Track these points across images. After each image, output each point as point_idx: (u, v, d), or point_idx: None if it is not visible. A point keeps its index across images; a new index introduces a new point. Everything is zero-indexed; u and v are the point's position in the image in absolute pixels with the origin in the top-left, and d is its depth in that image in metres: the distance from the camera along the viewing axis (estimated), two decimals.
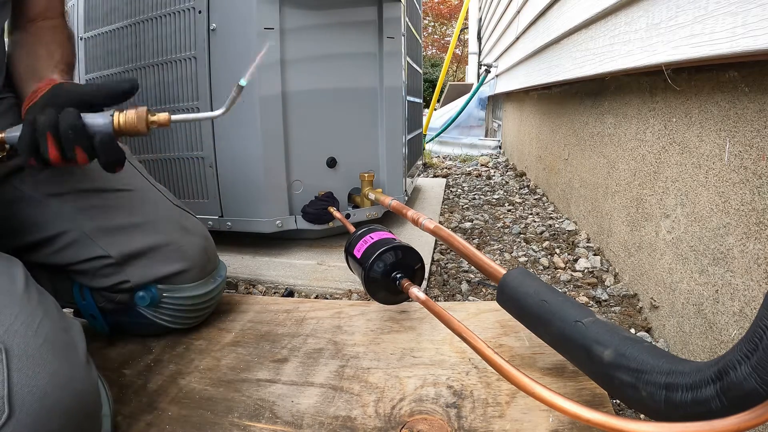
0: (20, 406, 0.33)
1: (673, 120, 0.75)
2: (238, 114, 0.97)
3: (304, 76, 0.99)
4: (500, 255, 1.15)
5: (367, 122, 1.10)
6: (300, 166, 1.03)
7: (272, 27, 0.94)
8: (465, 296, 0.94)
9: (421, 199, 1.65)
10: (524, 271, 0.51)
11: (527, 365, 0.60)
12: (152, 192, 0.69)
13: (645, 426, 0.30)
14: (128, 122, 0.50)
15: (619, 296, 0.89)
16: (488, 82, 3.29)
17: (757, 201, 0.54)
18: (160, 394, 0.57)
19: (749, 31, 0.49)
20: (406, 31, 1.20)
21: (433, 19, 10.47)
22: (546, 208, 1.57)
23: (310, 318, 0.75)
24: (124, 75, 1.07)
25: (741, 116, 0.57)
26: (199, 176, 1.03)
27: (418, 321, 0.72)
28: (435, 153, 3.19)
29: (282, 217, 1.03)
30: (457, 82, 6.66)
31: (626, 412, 0.58)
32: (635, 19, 0.82)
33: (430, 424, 0.50)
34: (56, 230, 0.61)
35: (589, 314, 0.42)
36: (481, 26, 4.53)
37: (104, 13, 1.08)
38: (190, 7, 0.95)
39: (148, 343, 0.68)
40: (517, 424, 0.50)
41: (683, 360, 0.34)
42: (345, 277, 0.95)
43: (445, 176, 2.25)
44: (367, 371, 0.60)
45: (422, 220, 0.73)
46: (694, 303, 0.66)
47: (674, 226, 0.74)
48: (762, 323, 0.27)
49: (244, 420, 0.52)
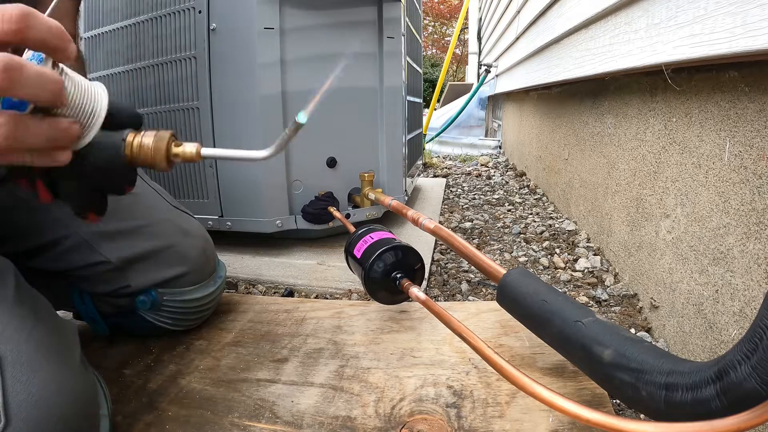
0: (16, 414, 0.33)
1: (673, 120, 0.75)
2: (238, 113, 0.97)
3: (305, 76, 0.99)
4: (500, 255, 1.15)
5: (367, 122, 1.10)
6: (300, 165, 1.03)
7: (272, 27, 0.94)
8: (465, 296, 0.94)
9: (421, 199, 1.65)
10: (524, 271, 0.51)
11: (527, 365, 0.60)
12: (150, 193, 0.69)
13: (645, 426, 0.30)
14: (144, 152, 0.38)
15: (619, 296, 0.89)
16: (488, 82, 3.29)
17: (757, 201, 0.54)
18: (160, 394, 0.57)
19: (748, 31, 0.50)
20: (406, 31, 1.20)
21: (433, 19, 10.47)
22: (546, 208, 1.57)
23: (310, 318, 0.75)
24: (125, 75, 1.07)
25: (741, 116, 0.57)
26: (199, 176, 1.03)
27: (418, 321, 0.72)
28: (435, 153, 3.19)
29: (282, 217, 1.03)
30: (457, 82, 6.66)
31: (626, 412, 0.58)
32: (635, 19, 0.82)
33: (430, 424, 0.50)
34: (55, 236, 0.60)
35: (589, 314, 0.42)
36: (481, 26, 4.53)
37: (104, 13, 1.08)
38: (190, 7, 0.95)
39: (148, 343, 0.68)
40: (517, 424, 0.50)
41: (683, 360, 0.34)
42: (345, 277, 0.95)
43: (445, 176, 2.25)
44: (367, 371, 0.60)
45: (422, 220, 0.73)
46: (694, 303, 0.66)
47: (674, 226, 0.74)
48: (762, 323, 0.27)
49: (244, 420, 0.52)
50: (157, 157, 0.37)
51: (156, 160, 0.37)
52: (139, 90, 1.05)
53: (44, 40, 0.29)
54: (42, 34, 0.29)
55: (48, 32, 0.29)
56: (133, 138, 0.37)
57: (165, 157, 0.37)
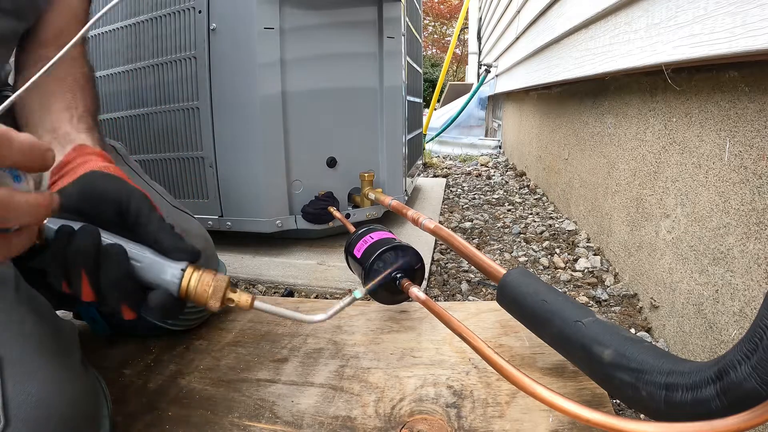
0: (16, 415, 0.33)
1: (673, 120, 0.75)
2: (238, 114, 0.97)
3: (304, 76, 0.99)
4: (500, 255, 1.15)
5: (367, 122, 1.10)
6: (300, 165, 1.03)
7: (272, 27, 0.94)
8: (465, 296, 0.94)
9: (421, 199, 1.65)
10: (524, 271, 0.51)
11: (527, 365, 0.60)
12: (150, 193, 0.68)
13: (645, 426, 0.30)
14: (200, 291, 0.37)
15: (619, 296, 0.89)
16: (488, 82, 3.29)
17: (757, 201, 0.54)
18: (160, 394, 0.57)
19: (748, 31, 0.49)
20: (406, 31, 1.20)
21: (433, 19, 10.47)
22: (546, 207, 1.57)
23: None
24: (124, 75, 1.07)
25: (741, 116, 0.57)
26: (199, 176, 1.03)
27: (418, 321, 0.72)
28: (435, 153, 3.19)
29: (282, 217, 1.03)
30: (457, 82, 6.66)
31: (626, 412, 0.58)
32: (635, 19, 0.82)
33: (430, 424, 0.50)
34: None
35: (589, 314, 0.42)
36: (481, 26, 4.53)
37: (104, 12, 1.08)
38: (190, 7, 0.95)
39: (148, 343, 0.68)
40: (517, 424, 0.50)
41: (683, 360, 0.34)
42: (345, 277, 0.95)
43: (445, 176, 2.25)
44: (367, 371, 0.60)
45: (422, 220, 0.73)
46: (694, 303, 0.66)
47: (674, 226, 0.74)
48: (762, 323, 0.27)
49: (244, 420, 0.52)
50: (213, 300, 0.38)
51: (210, 303, 0.38)
52: (139, 90, 1.05)
53: (16, 162, 0.29)
54: (14, 158, 0.29)
55: (20, 154, 0.29)
56: (190, 275, 0.38)
57: (221, 301, 0.38)
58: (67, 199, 0.39)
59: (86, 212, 0.40)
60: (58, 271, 0.37)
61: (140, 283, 0.38)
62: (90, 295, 0.38)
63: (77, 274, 0.37)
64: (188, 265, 0.38)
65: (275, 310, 0.40)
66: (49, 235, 0.38)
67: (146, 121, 1.06)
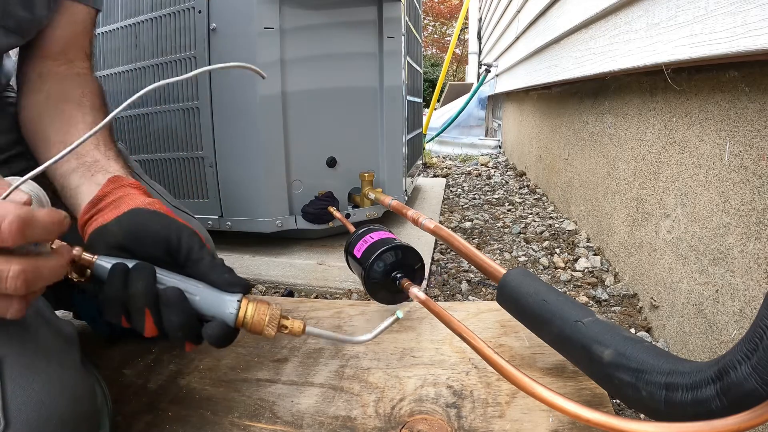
0: (16, 417, 0.33)
1: (673, 120, 0.75)
2: (238, 114, 0.97)
3: (304, 76, 0.99)
4: (500, 255, 1.15)
5: (367, 122, 1.10)
6: (300, 165, 1.03)
7: (272, 27, 0.94)
8: (465, 296, 0.94)
9: (421, 199, 1.65)
10: (524, 271, 0.51)
11: (527, 365, 0.60)
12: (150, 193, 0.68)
13: (645, 426, 0.30)
14: (256, 320, 0.40)
15: (619, 296, 0.89)
16: (488, 82, 3.29)
17: (757, 201, 0.54)
18: (160, 394, 0.57)
19: (749, 31, 0.49)
20: (406, 31, 1.20)
21: (433, 19, 10.46)
22: (546, 207, 1.57)
23: (310, 318, 0.75)
24: (125, 75, 1.07)
25: (741, 116, 0.57)
26: (199, 176, 1.03)
27: (418, 321, 0.72)
28: (435, 153, 3.19)
29: (282, 217, 1.03)
30: (457, 81, 6.66)
31: (626, 412, 0.58)
32: (635, 19, 0.82)
33: (430, 424, 0.50)
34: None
35: (590, 314, 0.42)
36: (481, 26, 4.53)
37: (104, 13, 1.08)
38: (190, 7, 0.95)
39: (148, 343, 0.68)
40: (517, 424, 0.50)
41: (683, 360, 0.34)
42: (345, 277, 0.95)
43: (445, 176, 2.25)
44: (367, 371, 0.60)
45: (422, 220, 0.73)
46: (694, 303, 0.66)
47: (674, 226, 0.74)
48: (762, 323, 0.27)
49: (244, 420, 0.52)
50: (269, 328, 0.40)
51: (266, 331, 0.40)
52: (139, 90, 1.05)
53: (38, 238, 0.31)
54: (37, 236, 0.31)
55: (43, 232, 0.31)
56: (246, 307, 0.40)
57: (275, 330, 0.41)
58: (111, 237, 0.40)
59: (132, 250, 0.41)
60: (117, 309, 0.38)
61: (200, 323, 0.40)
62: (153, 332, 0.39)
63: (140, 313, 0.38)
64: (243, 297, 0.40)
65: (325, 334, 0.44)
66: (99, 272, 0.39)
67: (146, 121, 1.06)
